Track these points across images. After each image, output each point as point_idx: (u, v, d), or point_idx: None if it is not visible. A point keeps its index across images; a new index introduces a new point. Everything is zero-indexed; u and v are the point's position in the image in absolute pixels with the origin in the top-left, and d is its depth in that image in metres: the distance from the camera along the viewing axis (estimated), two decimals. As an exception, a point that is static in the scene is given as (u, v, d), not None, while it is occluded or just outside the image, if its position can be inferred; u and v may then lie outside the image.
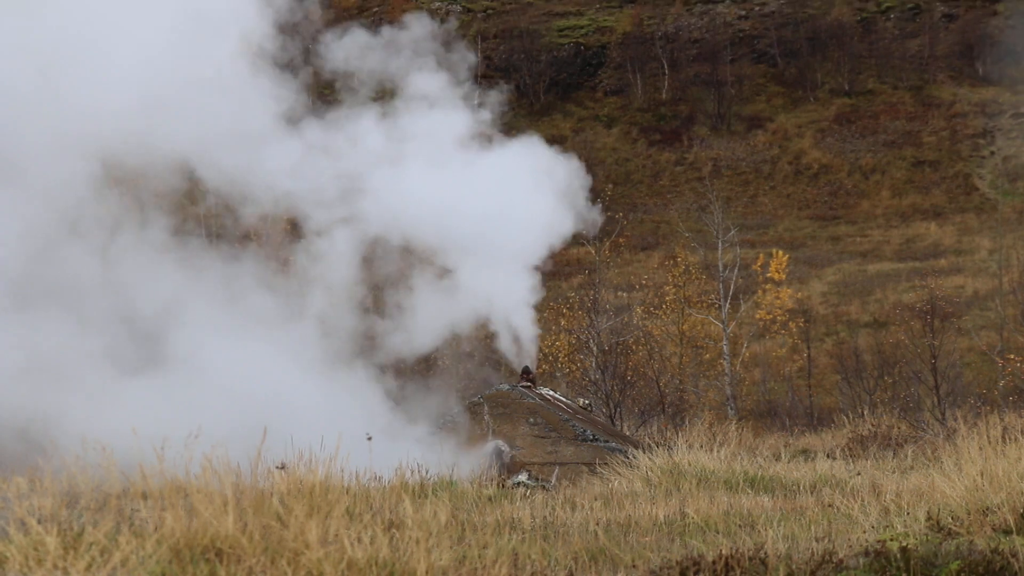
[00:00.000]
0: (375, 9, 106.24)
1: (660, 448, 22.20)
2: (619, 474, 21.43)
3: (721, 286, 50.53)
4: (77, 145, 23.16)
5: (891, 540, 11.07)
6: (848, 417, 36.46)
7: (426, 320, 26.98)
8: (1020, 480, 13.30)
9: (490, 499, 17.79)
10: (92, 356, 22.37)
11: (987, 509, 12.86)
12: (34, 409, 20.65)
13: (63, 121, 22.97)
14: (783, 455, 25.09)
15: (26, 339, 21.71)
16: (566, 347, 48.29)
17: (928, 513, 13.33)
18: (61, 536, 9.17)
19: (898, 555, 10.40)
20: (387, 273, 27.42)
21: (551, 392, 27.33)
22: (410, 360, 27.90)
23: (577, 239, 39.56)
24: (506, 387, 26.26)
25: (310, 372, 24.47)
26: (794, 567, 10.58)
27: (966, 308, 62.51)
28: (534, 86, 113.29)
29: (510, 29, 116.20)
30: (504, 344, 27.12)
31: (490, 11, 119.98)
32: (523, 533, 13.52)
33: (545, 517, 15.47)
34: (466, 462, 22.35)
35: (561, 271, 68.68)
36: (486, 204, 26.47)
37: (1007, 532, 12.17)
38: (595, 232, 48.71)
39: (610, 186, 70.75)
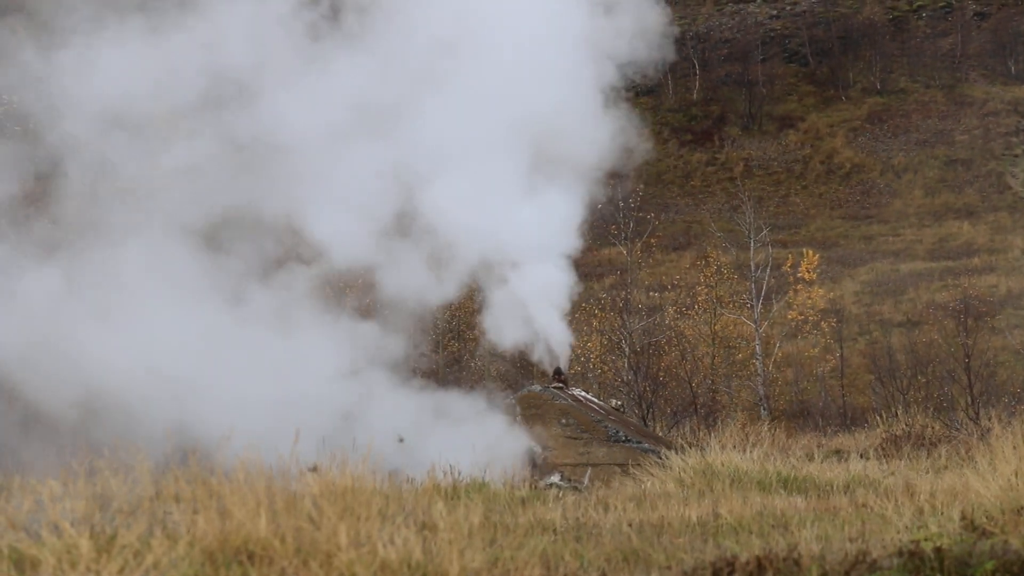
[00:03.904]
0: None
1: (693, 449, 22.14)
2: (652, 475, 21.38)
3: (753, 286, 50.41)
4: None
5: (925, 540, 11.02)
6: (881, 417, 36.33)
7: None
8: (1055, 479, 13.25)
9: (522, 500, 17.77)
10: None
11: (1022, 509, 12.80)
12: None
13: None
14: (816, 455, 24.99)
15: None
16: (598, 348, 48.24)
17: (962, 513, 13.26)
18: (94, 539, 9.19)
19: (932, 555, 10.35)
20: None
21: (583, 393, 27.31)
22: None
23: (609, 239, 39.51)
24: (538, 388, 26.24)
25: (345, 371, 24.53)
26: (828, 568, 10.53)
27: (999, 307, 62.20)
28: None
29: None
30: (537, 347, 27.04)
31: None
32: (555, 534, 13.50)
33: (577, 518, 15.44)
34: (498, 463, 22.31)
35: (593, 272, 68.68)
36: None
37: (1042, 532, 12.10)
38: (626, 230, 48.75)
39: (641, 186, 70.63)
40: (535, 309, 26.37)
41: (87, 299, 23.29)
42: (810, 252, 62.57)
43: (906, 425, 33.16)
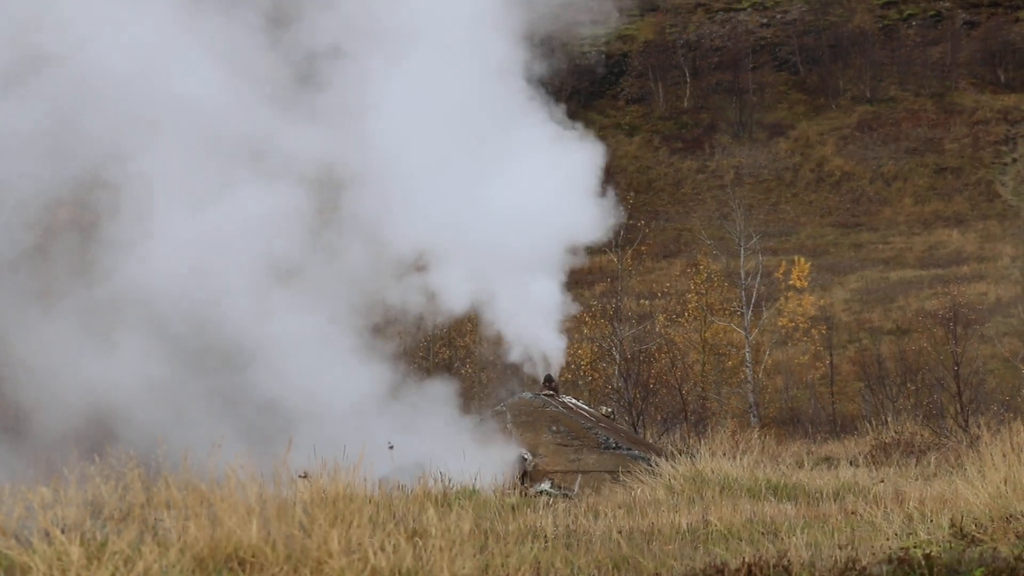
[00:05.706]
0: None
1: (683, 456, 22.11)
2: (642, 482, 21.38)
3: (743, 293, 50.39)
4: None
5: (914, 547, 11.06)
6: (871, 424, 36.39)
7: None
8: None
9: (513, 508, 17.76)
10: None
11: (1010, 516, 12.84)
12: None
13: None
14: (806, 462, 24.97)
15: None
16: (588, 355, 48.23)
17: (951, 520, 13.30)
18: (85, 546, 9.19)
19: (921, 562, 10.38)
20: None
21: (573, 400, 27.28)
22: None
23: (599, 247, 39.54)
24: (528, 395, 26.20)
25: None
26: (817, 574, 10.56)
27: (989, 315, 62.24)
28: (556, 94, 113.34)
29: (531, 37, 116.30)
30: (526, 358, 26.95)
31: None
32: (546, 542, 13.50)
33: (568, 525, 15.45)
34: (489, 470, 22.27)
35: (583, 279, 68.72)
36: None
37: (1031, 539, 12.13)
38: (616, 238, 48.70)
39: (632, 194, 70.63)
40: (526, 316, 26.33)
41: None
42: (800, 260, 62.70)
43: (896, 432, 33.21)
